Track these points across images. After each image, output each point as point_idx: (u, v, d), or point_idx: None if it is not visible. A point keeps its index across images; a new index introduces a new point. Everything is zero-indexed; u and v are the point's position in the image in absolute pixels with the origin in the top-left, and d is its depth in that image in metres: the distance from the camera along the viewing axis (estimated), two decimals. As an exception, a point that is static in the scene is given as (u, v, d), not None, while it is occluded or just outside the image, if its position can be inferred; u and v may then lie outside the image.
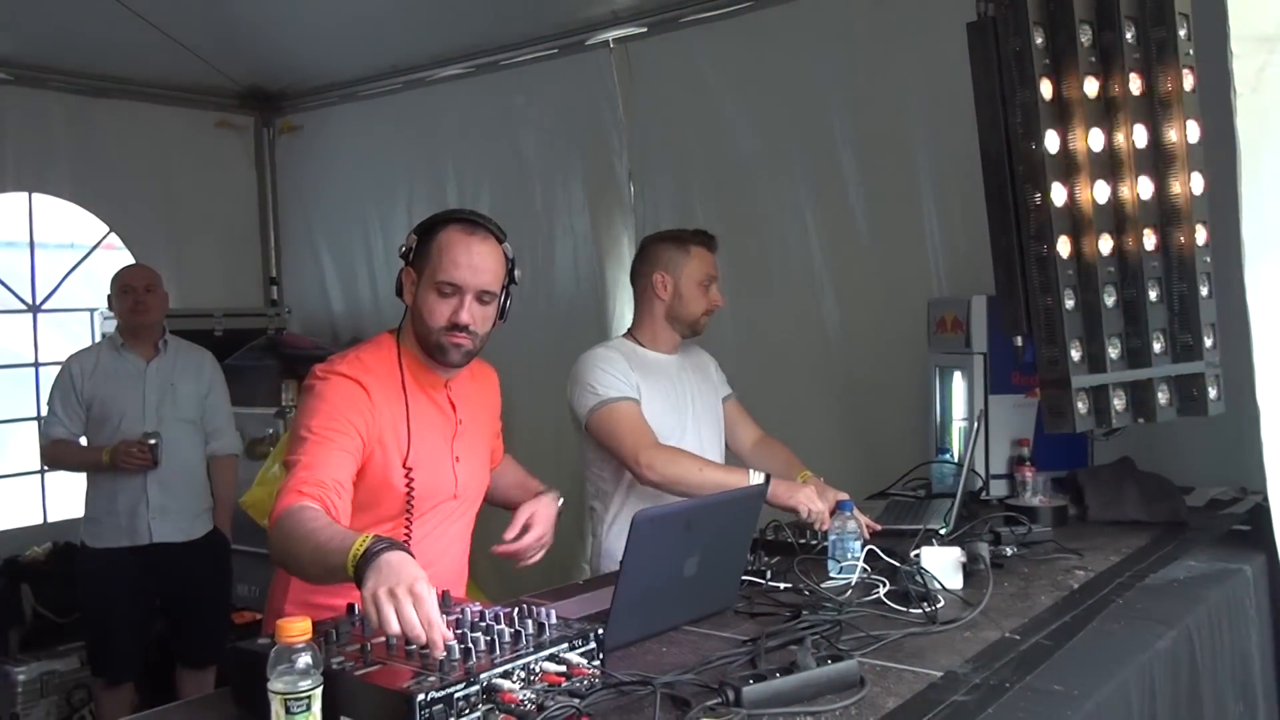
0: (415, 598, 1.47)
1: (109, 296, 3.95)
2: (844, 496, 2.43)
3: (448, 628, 1.57)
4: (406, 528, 2.02)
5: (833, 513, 2.38)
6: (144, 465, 3.69)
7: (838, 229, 3.95)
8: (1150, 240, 2.35)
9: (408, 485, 2.00)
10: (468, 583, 2.29)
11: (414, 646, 1.52)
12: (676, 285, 2.76)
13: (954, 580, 2.12)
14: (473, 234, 2.01)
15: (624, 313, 4.57)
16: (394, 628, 1.46)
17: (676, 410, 2.75)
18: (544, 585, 2.49)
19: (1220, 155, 2.37)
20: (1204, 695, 1.96)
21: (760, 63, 4.04)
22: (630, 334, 2.86)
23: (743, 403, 3.01)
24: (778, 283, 4.02)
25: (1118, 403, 2.35)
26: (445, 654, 1.45)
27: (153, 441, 3.69)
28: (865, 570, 2.18)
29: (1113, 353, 2.33)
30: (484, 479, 2.26)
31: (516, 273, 2.09)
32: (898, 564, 2.14)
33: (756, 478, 2.52)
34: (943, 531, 2.47)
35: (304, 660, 1.34)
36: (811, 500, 2.47)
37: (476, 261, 1.99)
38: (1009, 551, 2.37)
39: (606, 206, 4.62)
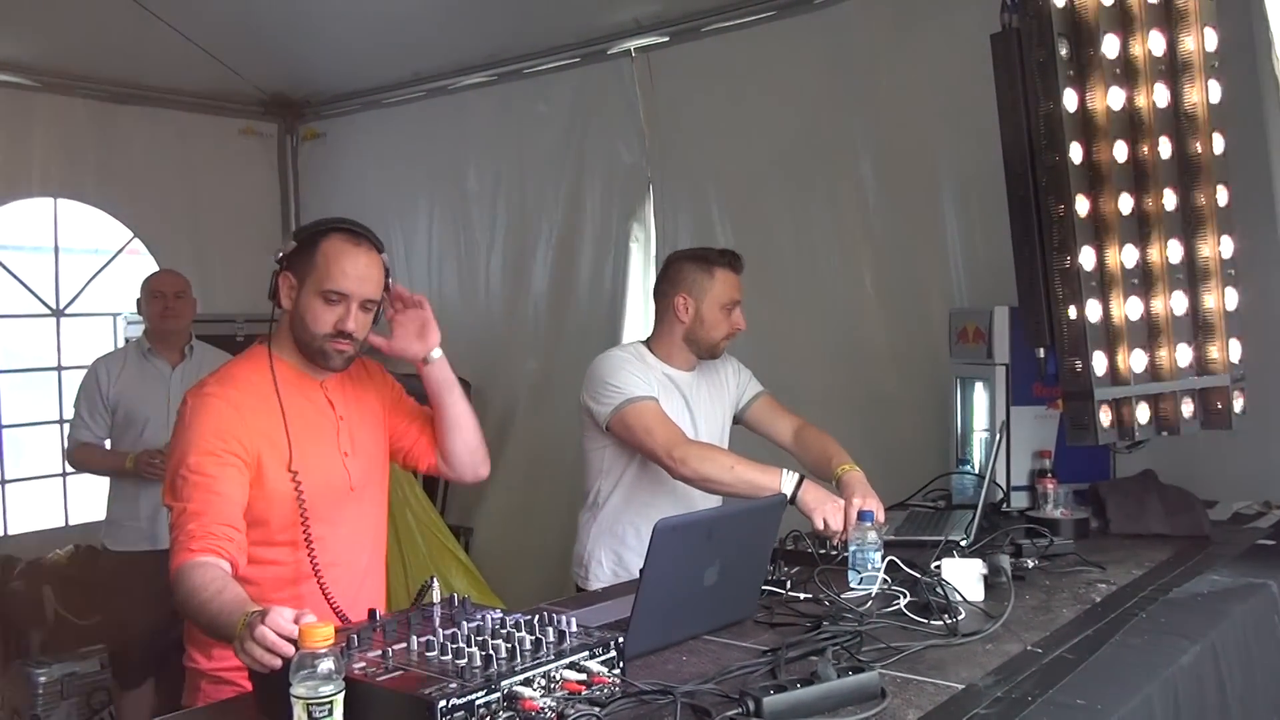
0: (252, 641, 1.52)
1: (138, 301, 3.99)
2: (872, 504, 2.42)
3: (464, 633, 1.60)
4: (304, 531, 2.00)
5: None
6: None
7: (858, 239, 3.94)
8: (1175, 252, 2.34)
9: (296, 489, 1.99)
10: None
11: (434, 652, 1.53)
12: (699, 309, 2.73)
13: (975, 592, 2.11)
14: (358, 245, 2.04)
15: (637, 321, 4.58)
16: (272, 662, 1.50)
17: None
18: (563, 593, 2.49)
19: (1253, 165, 2.34)
20: (1234, 713, 1.93)
21: (781, 72, 4.05)
22: (647, 343, 2.84)
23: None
24: (797, 292, 4.02)
25: (1141, 415, 2.34)
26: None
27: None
28: (886, 581, 2.17)
29: (1136, 365, 2.32)
30: (382, 469, 2.25)
31: (390, 280, 2.12)
32: (918, 575, 2.12)
33: (790, 478, 2.48)
34: (964, 543, 2.45)
35: (326, 666, 1.35)
36: (832, 515, 2.43)
37: (363, 271, 2.03)
38: (1030, 564, 2.36)
39: (626, 215, 4.63)
